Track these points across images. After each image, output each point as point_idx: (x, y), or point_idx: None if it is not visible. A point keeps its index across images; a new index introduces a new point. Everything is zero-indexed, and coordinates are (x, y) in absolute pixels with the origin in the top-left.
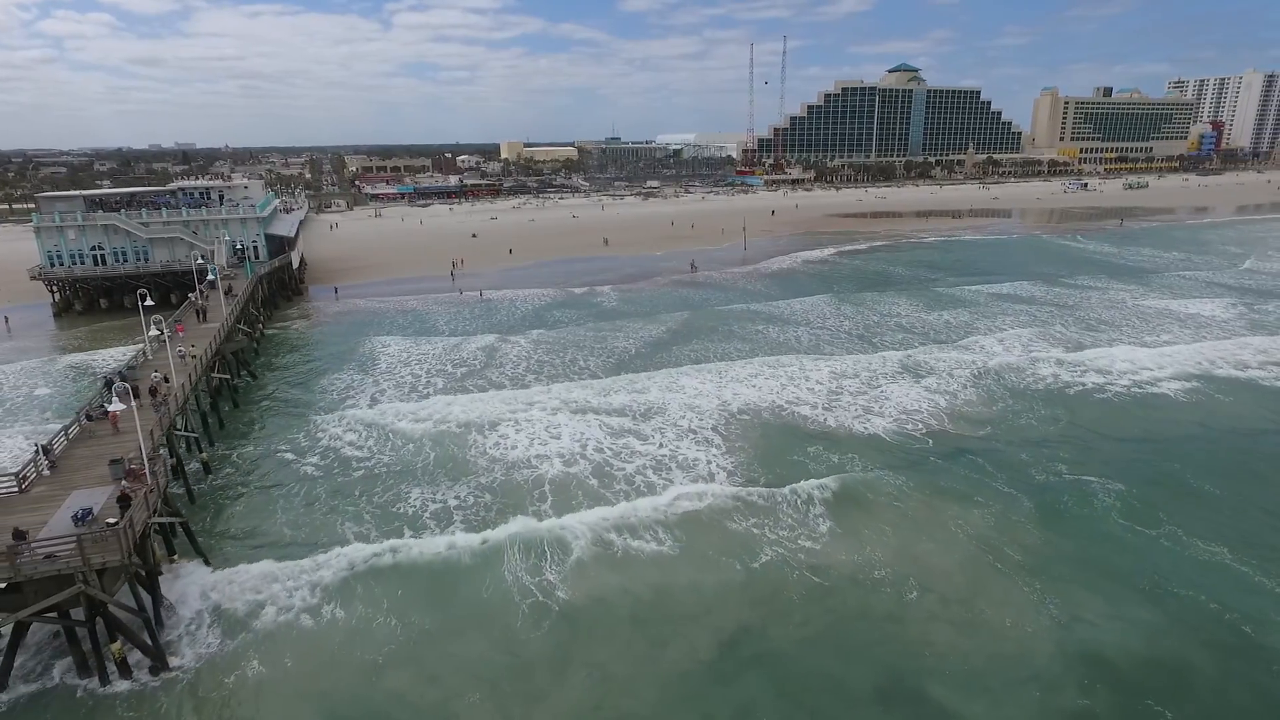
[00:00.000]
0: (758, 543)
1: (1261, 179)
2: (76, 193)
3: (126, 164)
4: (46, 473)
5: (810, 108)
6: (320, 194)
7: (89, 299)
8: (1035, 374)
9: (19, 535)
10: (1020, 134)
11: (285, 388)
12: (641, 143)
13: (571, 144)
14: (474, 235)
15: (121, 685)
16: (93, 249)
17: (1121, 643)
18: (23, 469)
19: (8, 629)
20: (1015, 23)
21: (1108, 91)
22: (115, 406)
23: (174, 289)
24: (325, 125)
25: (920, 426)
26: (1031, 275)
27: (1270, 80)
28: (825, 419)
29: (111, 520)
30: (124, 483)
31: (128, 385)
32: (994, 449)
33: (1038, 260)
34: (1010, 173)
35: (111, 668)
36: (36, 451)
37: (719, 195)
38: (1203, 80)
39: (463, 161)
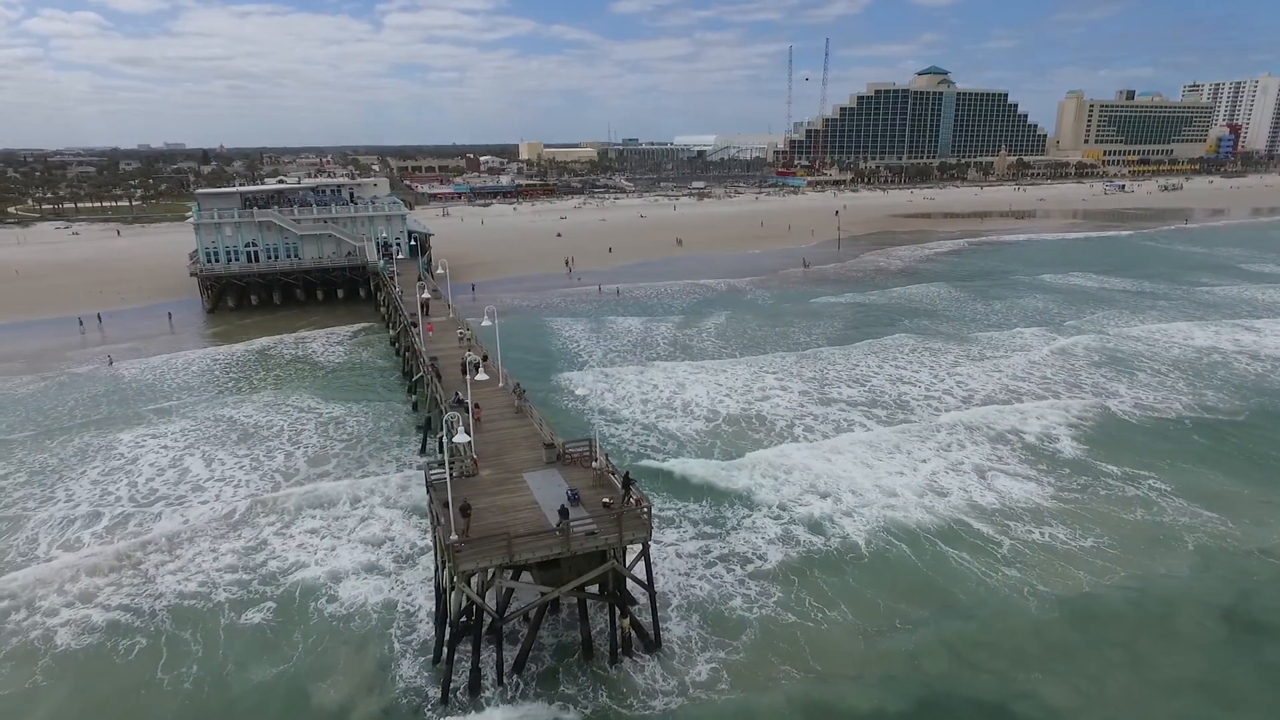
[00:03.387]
0: (1172, 530)
1: None
2: (233, 190)
3: (151, 163)
4: (475, 456)
5: (842, 109)
6: None
7: (240, 295)
8: (1240, 368)
9: (564, 514)
10: (1045, 136)
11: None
12: (660, 144)
13: (576, 144)
14: (558, 235)
15: (633, 664)
16: (247, 245)
17: None
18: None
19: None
20: (1002, 26)
21: (1130, 94)
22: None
23: (320, 286)
24: (313, 125)
25: (1173, 416)
26: (1145, 274)
27: None
28: (1068, 407)
29: (607, 500)
30: (596, 463)
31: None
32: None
33: (1137, 260)
34: (1042, 175)
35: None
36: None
37: (769, 196)
38: (1218, 84)
39: (486, 162)
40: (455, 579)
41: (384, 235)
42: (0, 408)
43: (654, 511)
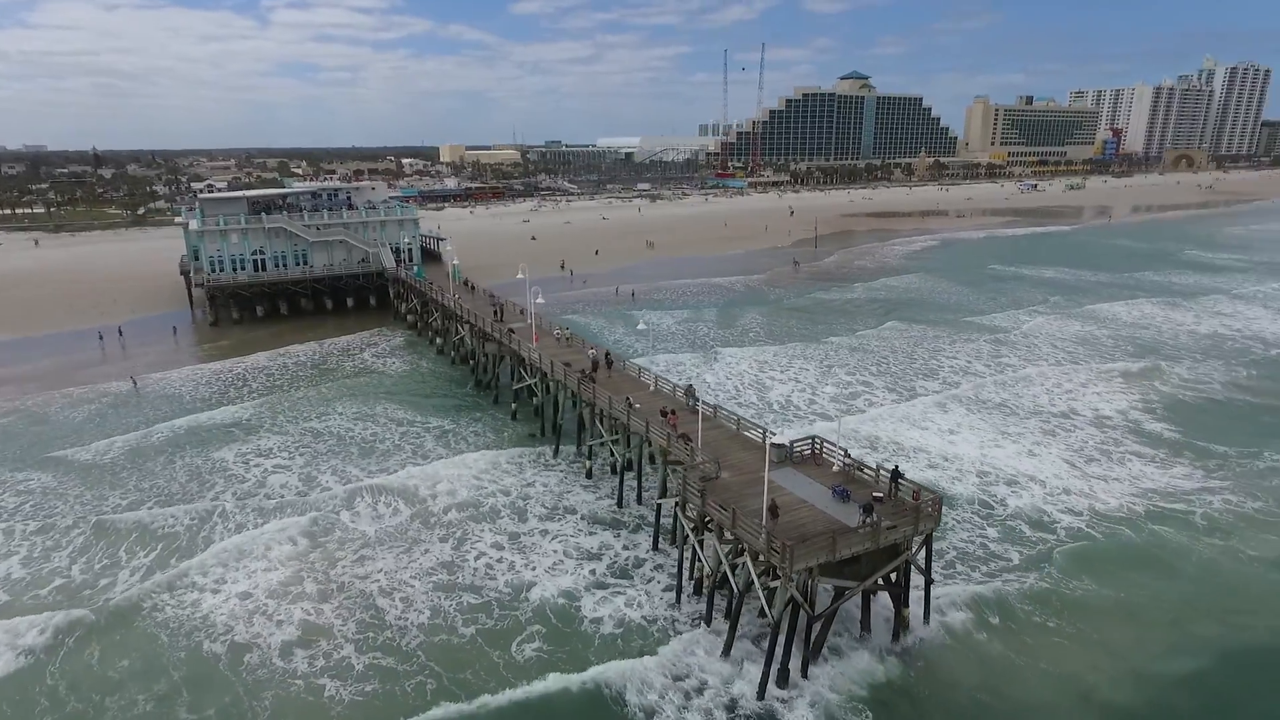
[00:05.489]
0: None
1: (1167, 180)
2: (239, 194)
3: (34, 166)
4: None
5: (773, 113)
6: None
7: (243, 306)
8: (1258, 352)
9: (868, 510)
10: (955, 139)
11: None
12: (583, 146)
13: (487, 146)
14: (533, 238)
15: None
16: (254, 253)
17: None
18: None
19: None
20: (890, 33)
21: (1029, 100)
22: None
23: (330, 294)
24: (193, 127)
25: (1222, 398)
26: (1108, 266)
27: (1157, 93)
28: (1125, 389)
29: (878, 495)
30: (845, 462)
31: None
32: None
33: (1092, 253)
34: (957, 175)
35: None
36: (685, 440)
37: (716, 197)
38: (1100, 91)
39: (408, 165)
40: (785, 578)
41: (405, 240)
42: (69, 433)
43: None
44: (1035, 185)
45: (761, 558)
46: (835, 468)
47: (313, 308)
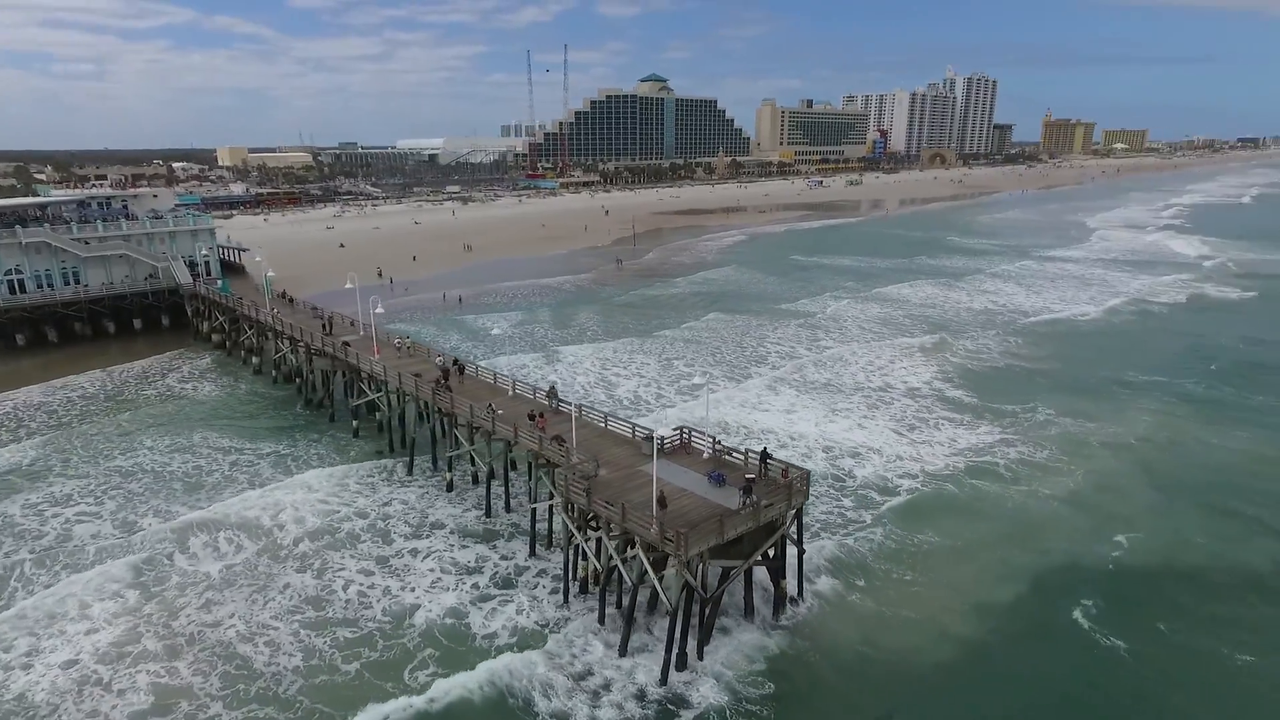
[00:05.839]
0: (1079, 436)
1: (926, 176)
2: None
3: None
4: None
5: (578, 114)
6: None
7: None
8: (1024, 323)
9: (747, 490)
10: (748, 139)
11: None
12: (383, 148)
13: (273, 149)
14: (341, 245)
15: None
16: (6, 274)
17: None
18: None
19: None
20: (679, 38)
21: (809, 103)
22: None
23: (111, 316)
24: None
25: (1003, 365)
26: (892, 253)
27: (913, 98)
28: (925, 362)
29: (751, 476)
30: (714, 449)
31: None
32: (1067, 373)
33: (878, 243)
34: (754, 173)
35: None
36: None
37: (529, 198)
38: (868, 95)
39: (182, 169)
40: (680, 564)
41: (201, 252)
42: None
43: None
44: (821, 182)
45: (654, 548)
46: (705, 455)
47: (90, 332)
